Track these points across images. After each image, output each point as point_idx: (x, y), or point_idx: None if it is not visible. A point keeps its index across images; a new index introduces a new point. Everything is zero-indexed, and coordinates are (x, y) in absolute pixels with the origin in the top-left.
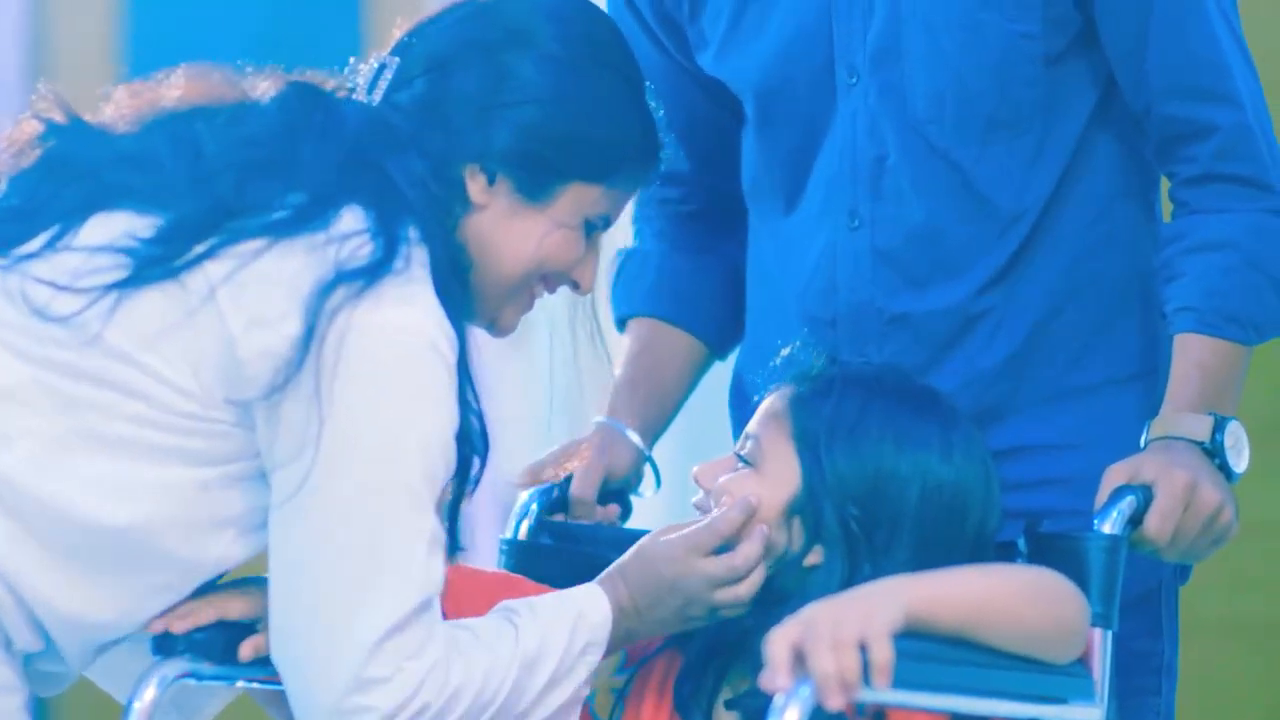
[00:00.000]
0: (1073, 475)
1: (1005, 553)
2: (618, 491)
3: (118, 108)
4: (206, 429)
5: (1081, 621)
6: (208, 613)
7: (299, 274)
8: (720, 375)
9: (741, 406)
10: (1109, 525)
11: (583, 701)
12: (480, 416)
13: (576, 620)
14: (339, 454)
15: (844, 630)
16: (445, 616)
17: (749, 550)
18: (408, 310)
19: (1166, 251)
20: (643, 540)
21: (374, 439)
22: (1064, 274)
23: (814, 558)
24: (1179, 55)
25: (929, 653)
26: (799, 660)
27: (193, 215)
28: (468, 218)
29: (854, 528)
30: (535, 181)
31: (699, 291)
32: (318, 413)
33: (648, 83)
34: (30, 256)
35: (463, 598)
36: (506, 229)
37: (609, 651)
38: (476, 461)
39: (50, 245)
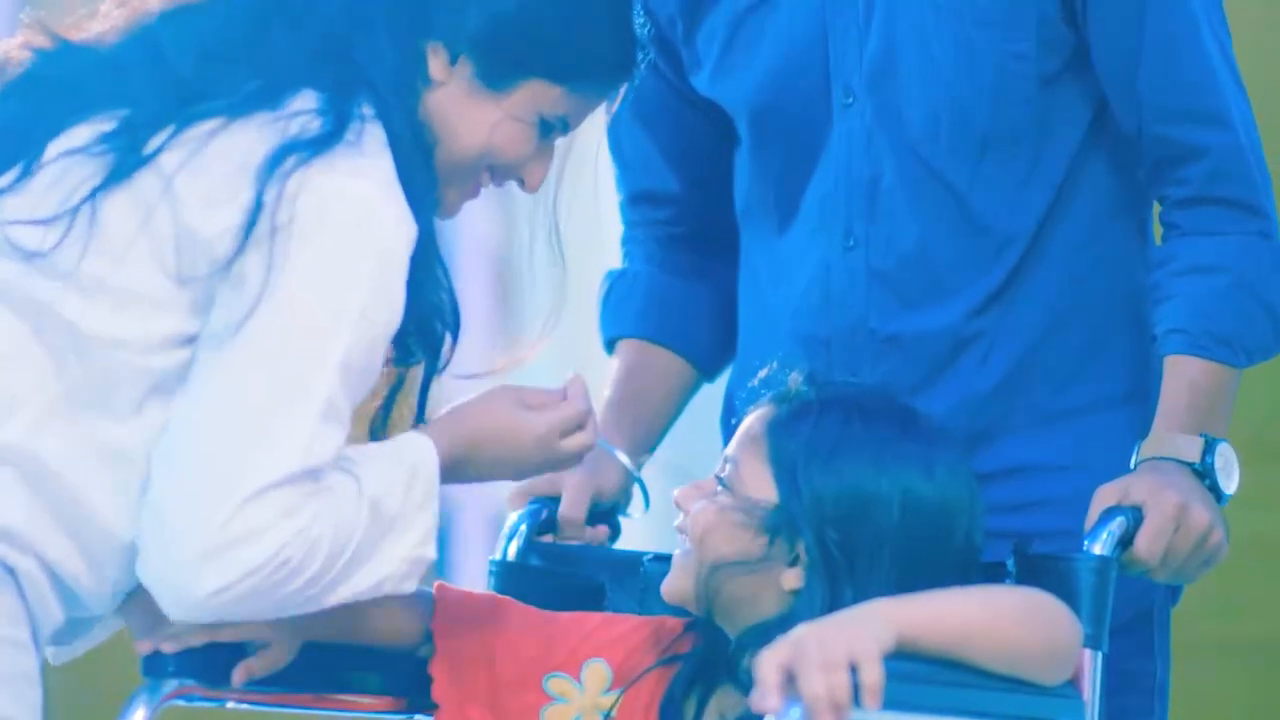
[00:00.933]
0: (1065, 496)
1: (994, 573)
2: (606, 512)
3: (105, 20)
4: (188, 339)
5: (1072, 643)
6: (199, 635)
7: (251, 151)
8: (711, 395)
9: (732, 427)
10: (1099, 546)
11: (427, 566)
12: (451, 294)
13: (413, 471)
14: (276, 308)
15: (834, 651)
16: (435, 638)
17: (574, 399)
18: (360, 182)
19: (1157, 273)
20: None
21: (312, 299)
22: (1057, 296)
23: (792, 581)
24: (1171, 77)
25: (919, 674)
26: (789, 681)
27: (154, 104)
28: (426, 93)
29: (834, 551)
30: (496, 69)
31: (687, 313)
32: (266, 266)
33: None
34: (5, 191)
35: (454, 621)
36: (460, 111)
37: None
38: (448, 340)
39: (26, 172)
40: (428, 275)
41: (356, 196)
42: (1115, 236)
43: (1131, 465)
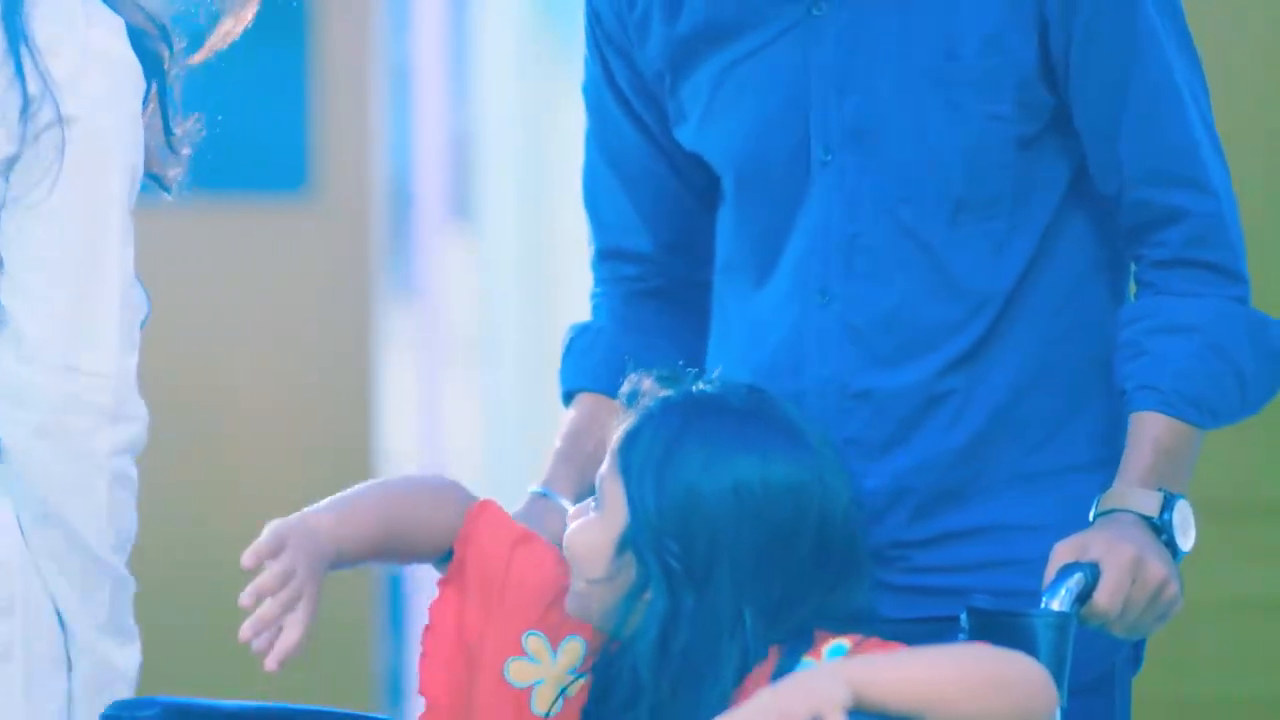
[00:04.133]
0: (1036, 556)
1: (947, 629)
2: None
3: None
4: None
5: (1046, 712)
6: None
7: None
8: None
9: None
10: (1057, 602)
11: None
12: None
13: None
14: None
15: (794, 711)
16: (466, 564)
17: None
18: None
19: (1130, 330)
20: None
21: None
22: (1032, 356)
23: (649, 594)
24: (1153, 142)
25: None
26: None
27: None
28: None
29: (672, 562)
30: None
31: (631, 368)
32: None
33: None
34: None
35: (478, 541)
36: None
37: None
38: (163, 50)
39: None
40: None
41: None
42: (1092, 298)
43: (1090, 518)
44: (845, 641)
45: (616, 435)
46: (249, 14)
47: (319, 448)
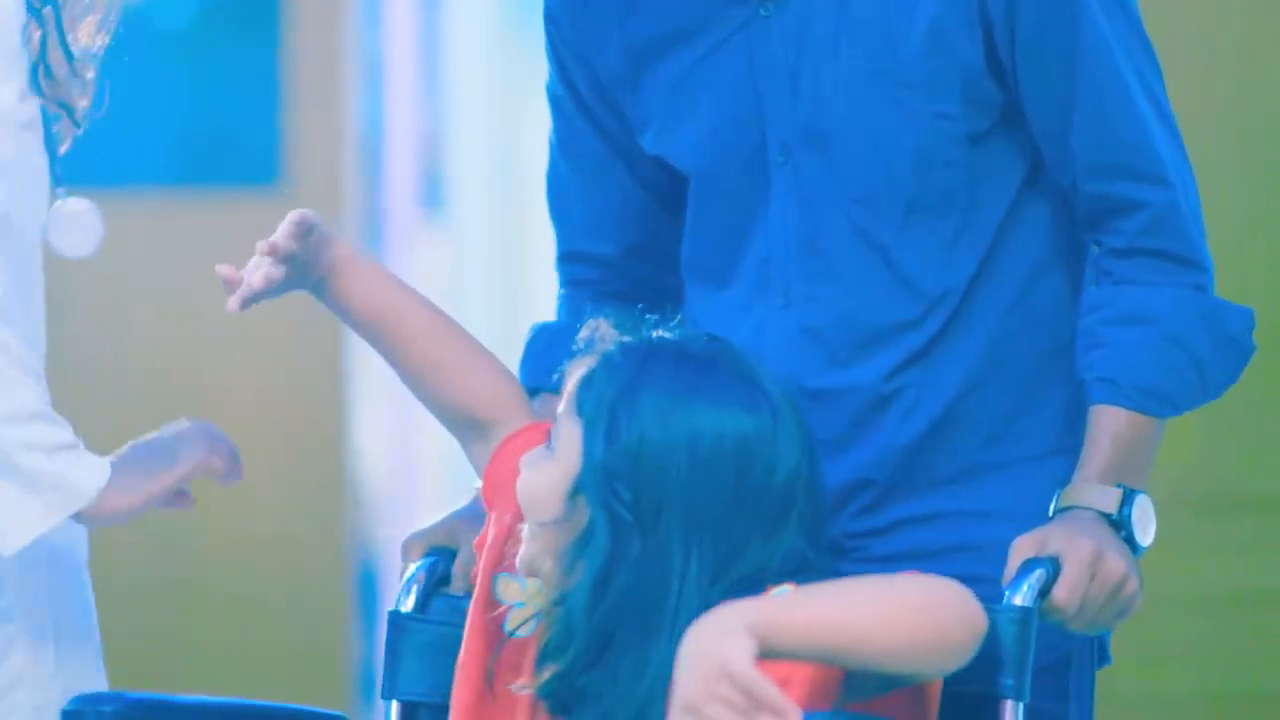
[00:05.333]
0: (985, 543)
1: None
2: None
3: None
4: None
5: (973, 634)
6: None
7: None
8: None
9: None
10: (1020, 597)
11: None
12: None
13: None
14: None
15: (704, 695)
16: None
17: None
18: None
19: (1088, 319)
20: None
21: None
22: (986, 352)
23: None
24: (1103, 136)
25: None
26: None
27: None
28: None
29: (619, 509)
30: None
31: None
32: None
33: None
34: None
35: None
36: None
37: None
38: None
39: None
40: None
41: None
42: (1049, 292)
43: (1050, 514)
44: (787, 585)
45: (574, 378)
46: None
47: (290, 440)
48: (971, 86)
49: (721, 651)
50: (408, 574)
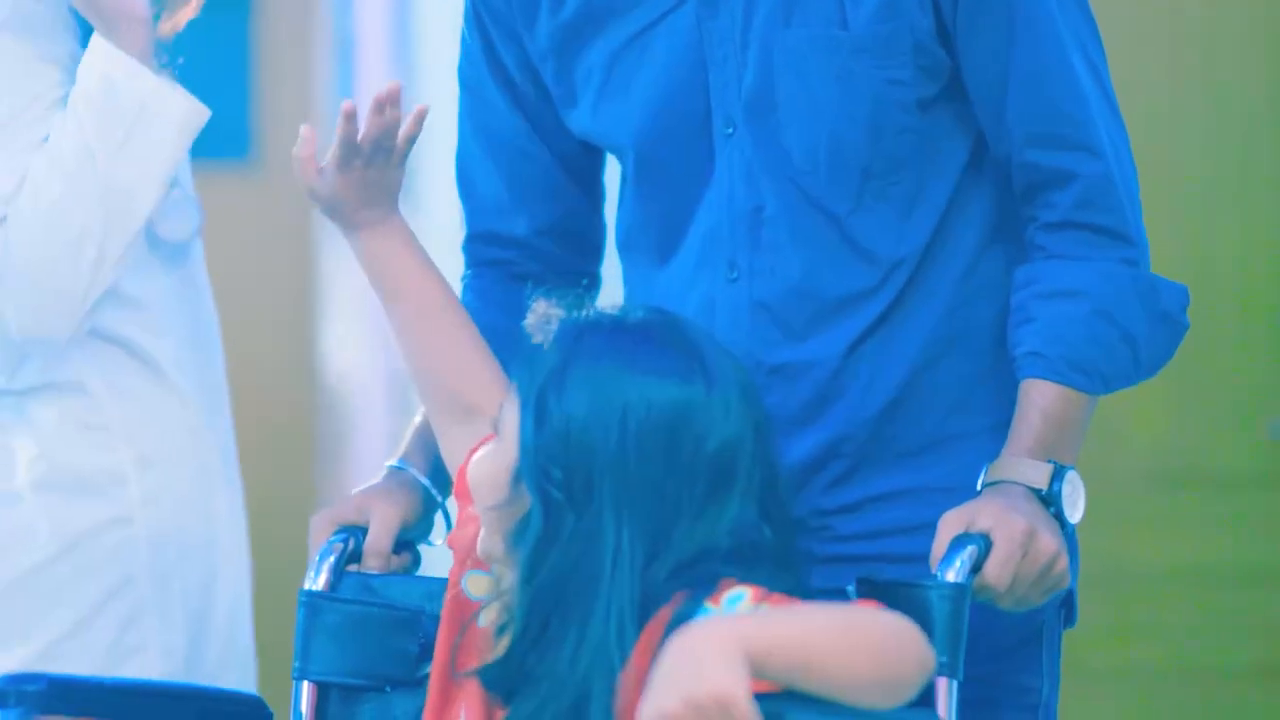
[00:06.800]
0: None
1: (836, 600)
2: (408, 541)
3: None
4: None
5: (916, 680)
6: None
7: None
8: None
9: None
10: (953, 573)
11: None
12: None
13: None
14: None
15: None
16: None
17: None
18: None
19: (1020, 294)
20: None
21: None
22: (942, 321)
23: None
24: (1039, 104)
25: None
26: None
27: None
28: None
29: (552, 491)
30: None
31: (507, 353)
32: None
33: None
34: None
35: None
36: None
37: None
38: None
39: None
40: None
41: None
42: (999, 263)
43: (978, 487)
44: (745, 589)
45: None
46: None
47: (261, 413)
48: (922, 52)
49: (720, 679)
50: (317, 552)
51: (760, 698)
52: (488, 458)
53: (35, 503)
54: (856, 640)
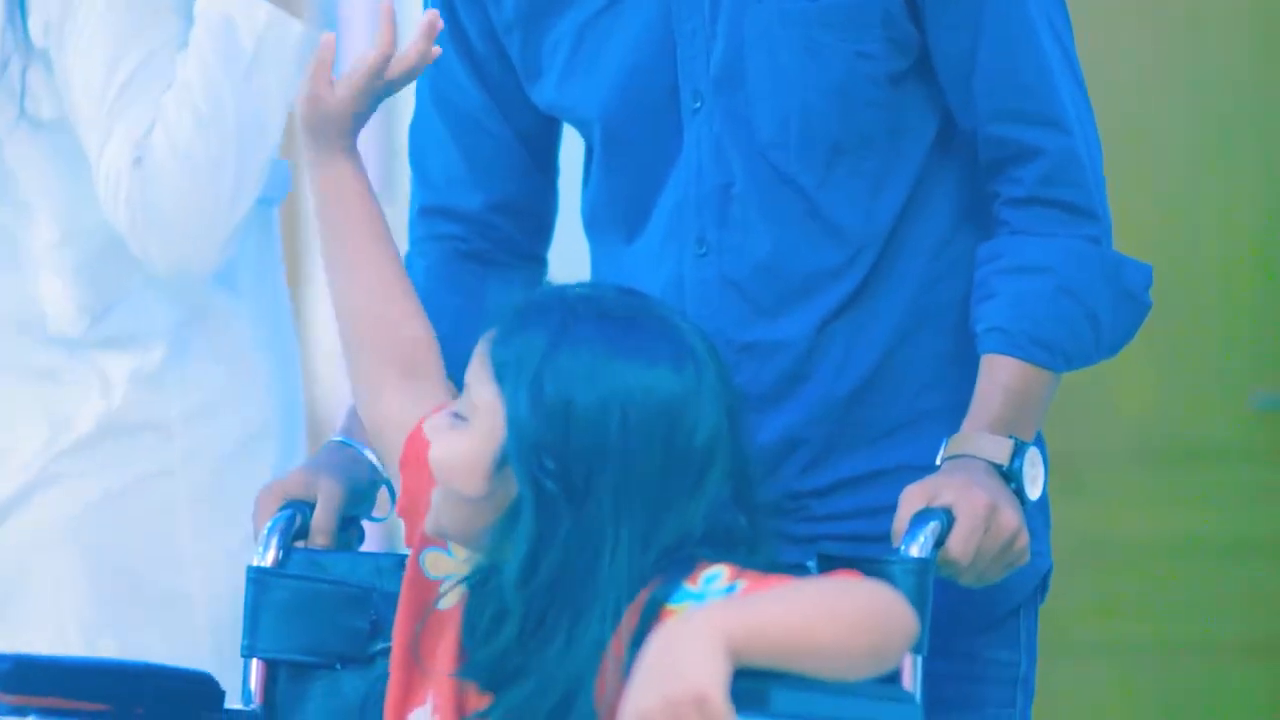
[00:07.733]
0: None
1: (795, 574)
2: (353, 516)
3: None
4: None
5: (901, 650)
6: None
7: None
8: None
9: None
10: (916, 548)
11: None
12: None
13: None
14: None
15: (684, 713)
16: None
17: None
18: None
19: (983, 269)
20: None
21: None
22: (914, 298)
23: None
24: (1006, 79)
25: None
26: None
27: None
28: None
29: (546, 482)
30: None
31: (458, 329)
32: None
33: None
34: None
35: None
36: None
37: None
38: None
39: None
40: None
41: None
42: (969, 242)
43: (937, 461)
44: (721, 567)
45: (484, 340)
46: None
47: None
48: (891, 26)
49: (698, 677)
50: (264, 527)
51: (745, 674)
52: (462, 441)
53: (94, 451)
54: (842, 613)
